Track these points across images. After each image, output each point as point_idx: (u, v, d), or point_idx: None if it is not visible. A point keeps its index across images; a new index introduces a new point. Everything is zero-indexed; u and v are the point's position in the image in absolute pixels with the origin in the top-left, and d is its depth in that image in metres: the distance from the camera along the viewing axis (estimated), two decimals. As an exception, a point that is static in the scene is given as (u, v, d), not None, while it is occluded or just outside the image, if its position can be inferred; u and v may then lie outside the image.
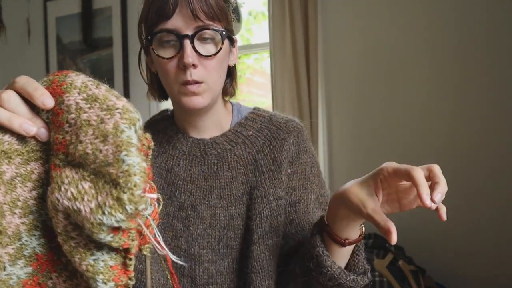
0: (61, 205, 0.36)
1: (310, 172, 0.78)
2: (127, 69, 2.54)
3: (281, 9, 2.07)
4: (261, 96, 2.83)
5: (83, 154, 0.37)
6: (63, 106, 0.38)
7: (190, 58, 0.65)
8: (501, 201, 1.78)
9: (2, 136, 0.39)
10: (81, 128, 0.37)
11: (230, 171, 0.75)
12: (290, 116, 0.82)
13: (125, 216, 0.35)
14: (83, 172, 0.37)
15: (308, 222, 0.75)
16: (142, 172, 0.35)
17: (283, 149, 0.76)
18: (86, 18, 2.61)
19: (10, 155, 0.39)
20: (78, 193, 0.36)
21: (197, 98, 0.69)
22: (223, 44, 0.69)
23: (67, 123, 0.38)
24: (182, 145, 0.78)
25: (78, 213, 0.36)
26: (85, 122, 0.37)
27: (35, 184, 0.40)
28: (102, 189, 0.35)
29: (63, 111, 0.38)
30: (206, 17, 0.66)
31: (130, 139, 0.36)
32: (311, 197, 0.77)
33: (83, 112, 0.38)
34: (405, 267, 1.61)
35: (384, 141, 1.99)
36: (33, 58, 2.84)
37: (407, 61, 1.94)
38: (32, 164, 0.40)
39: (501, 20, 1.77)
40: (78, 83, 0.39)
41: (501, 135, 1.78)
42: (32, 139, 0.40)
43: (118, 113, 0.37)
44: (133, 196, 0.34)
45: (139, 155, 0.36)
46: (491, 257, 1.80)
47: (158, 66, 0.71)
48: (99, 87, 0.39)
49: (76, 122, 0.38)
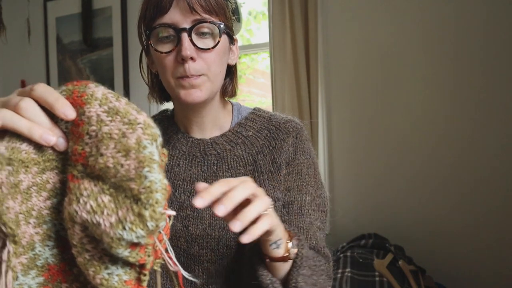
0: (79, 217, 0.36)
1: (306, 173, 0.77)
2: (127, 69, 2.54)
3: (281, 9, 2.07)
4: (261, 96, 2.83)
5: (104, 168, 0.36)
6: (84, 117, 0.38)
7: (188, 50, 0.65)
8: (501, 201, 1.78)
9: (20, 145, 0.38)
10: (102, 140, 0.37)
11: (230, 172, 0.75)
12: (290, 117, 0.81)
13: (146, 232, 0.35)
14: (103, 185, 0.37)
15: (299, 225, 0.73)
16: (164, 189, 0.35)
17: (282, 150, 0.75)
18: (86, 18, 2.61)
19: (27, 164, 0.38)
20: (98, 206, 0.36)
21: (195, 91, 0.69)
22: (221, 38, 0.69)
23: (87, 135, 0.38)
24: (182, 145, 0.78)
25: (97, 227, 0.36)
26: (107, 135, 0.37)
27: (50, 194, 0.40)
28: (122, 203, 0.35)
29: (84, 122, 0.38)
30: (203, 10, 0.66)
31: (152, 155, 0.36)
32: (305, 199, 0.75)
33: (104, 124, 0.37)
34: (405, 267, 1.61)
35: (384, 141, 1.99)
36: (33, 58, 2.84)
37: (407, 61, 1.94)
38: (48, 174, 0.40)
39: (502, 20, 1.77)
40: (99, 95, 0.39)
41: (500, 135, 1.78)
42: (49, 148, 0.39)
43: (140, 128, 0.37)
44: (155, 213, 0.35)
45: (161, 172, 0.36)
46: (491, 257, 1.80)
47: (157, 61, 0.71)
48: (119, 100, 0.39)
49: (97, 134, 0.37)
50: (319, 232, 0.74)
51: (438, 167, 1.88)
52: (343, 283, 1.51)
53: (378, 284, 1.51)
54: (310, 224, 0.73)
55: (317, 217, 0.75)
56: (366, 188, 2.03)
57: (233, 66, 0.79)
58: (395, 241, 1.83)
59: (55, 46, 2.75)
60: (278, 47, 2.09)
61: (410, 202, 1.94)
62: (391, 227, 1.95)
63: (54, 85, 2.78)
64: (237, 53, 0.79)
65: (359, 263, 1.60)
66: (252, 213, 0.50)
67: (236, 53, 0.78)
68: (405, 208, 1.95)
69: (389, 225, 1.95)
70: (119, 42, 2.55)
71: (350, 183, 2.07)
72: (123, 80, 2.54)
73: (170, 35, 0.68)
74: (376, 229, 1.90)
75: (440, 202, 1.88)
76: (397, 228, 1.94)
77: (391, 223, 1.96)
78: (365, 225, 1.98)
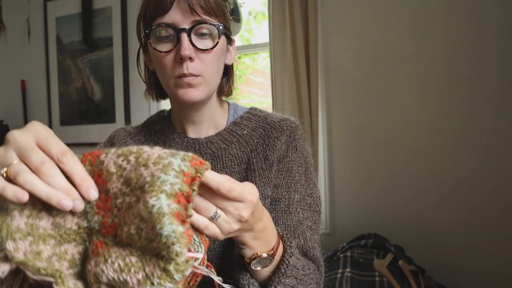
0: (105, 276, 0.38)
1: (297, 171, 0.75)
2: (127, 69, 2.54)
3: (281, 9, 2.07)
4: (261, 96, 2.83)
5: (129, 235, 0.39)
6: (110, 193, 0.42)
7: (187, 50, 0.66)
8: (501, 202, 1.78)
9: (39, 222, 0.41)
10: (126, 210, 0.40)
11: (225, 170, 0.75)
12: (285, 116, 0.81)
13: (174, 284, 0.36)
14: (131, 249, 0.39)
15: (287, 223, 0.72)
16: (181, 238, 0.37)
17: (275, 148, 0.75)
18: (86, 18, 2.61)
19: (44, 238, 0.41)
20: (125, 265, 0.38)
21: (192, 90, 0.69)
22: (219, 39, 0.69)
23: (115, 208, 0.41)
24: (178, 145, 0.78)
25: (124, 285, 0.37)
26: (128, 205, 0.40)
27: (70, 264, 0.42)
28: (149, 261, 0.37)
29: (111, 198, 0.41)
30: (203, 12, 0.67)
31: (161, 210, 0.37)
32: (294, 197, 0.74)
33: (126, 195, 0.41)
34: (405, 267, 1.60)
35: (383, 141, 1.99)
36: (33, 58, 2.84)
37: (407, 60, 1.94)
38: (66, 245, 0.42)
39: (502, 21, 1.77)
40: (112, 168, 0.41)
41: (502, 137, 1.78)
42: (67, 223, 0.42)
43: (146, 189, 0.39)
44: (178, 265, 0.36)
45: (173, 221, 0.37)
46: (491, 256, 1.80)
47: (156, 60, 0.71)
48: (129, 161, 0.41)
49: (122, 206, 0.41)
50: (310, 232, 0.73)
51: (438, 167, 1.88)
52: (343, 283, 1.51)
53: (378, 284, 1.51)
54: (299, 222, 0.72)
55: (307, 217, 0.74)
56: (366, 188, 2.03)
57: (230, 66, 0.80)
58: (395, 241, 1.83)
59: (55, 46, 2.75)
60: (278, 47, 2.09)
61: (410, 202, 1.94)
62: (391, 227, 1.95)
63: (54, 85, 2.79)
64: (234, 53, 0.79)
65: (359, 263, 1.60)
66: (199, 221, 0.46)
67: (233, 53, 0.78)
68: (405, 208, 1.95)
69: (389, 225, 1.95)
70: (119, 42, 2.55)
71: (350, 182, 2.07)
72: (123, 80, 2.54)
73: (169, 34, 0.68)
74: (376, 229, 1.90)
75: (440, 202, 1.88)
76: (397, 228, 1.94)
77: (391, 223, 1.96)
78: (365, 225, 1.98)
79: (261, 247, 0.56)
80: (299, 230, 0.71)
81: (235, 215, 0.47)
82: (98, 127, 2.63)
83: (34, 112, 2.86)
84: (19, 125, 2.85)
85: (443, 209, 1.87)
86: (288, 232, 0.70)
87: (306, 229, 0.72)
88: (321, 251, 0.74)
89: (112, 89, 2.58)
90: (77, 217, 0.42)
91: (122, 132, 0.85)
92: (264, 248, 0.56)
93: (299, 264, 0.62)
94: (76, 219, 0.42)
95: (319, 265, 0.71)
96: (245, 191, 0.47)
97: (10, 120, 2.87)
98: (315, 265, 0.70)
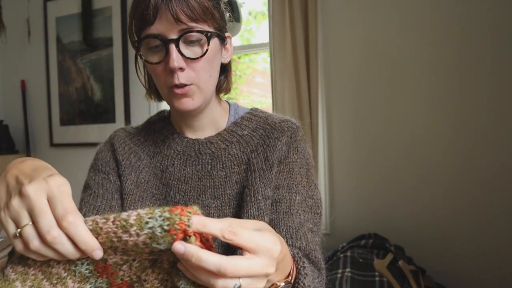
0: None
1: (298, 172, 0.75)
2: (127, 69, 2.54)
3: (281, 9, 2.07)
4: (261, 96, 2.83)
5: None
6: (109, 263, 0.46)
7: (176, 62, 0.65)
8: (501, 202, 1.78)
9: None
10: (138, 267, 0.46)
11: (224, 171, 0.75)
12: (286, 117, 0.80)
13: None
14: None
15: (288, 224, 0.71)
16: None
17: (275, 148, 0.74)
18: (86, 18, 2.61)
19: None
20: None
21: (187, 100, 0.69)
22: (209, 46, 0.68)
23: (120, 271, 0.46)
24: (177, 145, 0.78)
25: None
26: (140, 264, 0.46)
27: None
28: None
29: (110, 266, 0.46)
30: (188, 20, 0.65)
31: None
32: (295, 198, 0.73)
33: (130, 256, 0.45)
34: (405, 267, 1.60)
35: (384, 141, 1.99)
36: (33, 58, 2.84)
37: (407, 61, 1.94)
38: None
39: (503, 21, 1.77)
40: (107, 240, 0.43)
41: (503, 137, 1.78)
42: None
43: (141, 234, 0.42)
44: None
45: None
46: (491, 257, 1.80)
47: (149, 70, 0.71)
48: (125, 229, 0.43)
49: (131, 267, 0.46)
50: (311, 234, 0.72)
51: (438, 167, 1.88)
52: (343, 283, 1.51)
53: (378, 284, 1.51)
54: (300, 224, 0.71)
55: (309, 219, 0.73)
56: (366, 188, 2.03)
57: (228, 63, 0.79)
58: (395, 241, 1.83)
59: (55, 46, 2.75)
60: (278, 47, 2.08)
61: (410, 202, 1.94)
62: (391, 227, 1.95)
63: (54, 85, 2.78)
64: (231, 50, 0.78)
65: (359, 263, 1.60)
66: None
67: (230, 51, 0.77)
68: (405, 208, 1.95)
69: (389, 225, 1.95)
70: (119, 42, 2.55)
71: (350, 183, 2.07)
72: (123, 80, 2.54)
73: (159, 44, 0.67)
74: (376, 229, 1.90)
75: (440, 202, 1.88)
76: (397, 228, 1.94)
77: (391, 223, 1.96)
78: (365, 225, 1.98)
79: (279, 275, 0.53)
80: (301, 232, 0.71)
81: (261, 275, 0.42)
82: (98, 127, 2.63)
83: (34, 112, 2.86)
84: (19, 125, 2.85)
85: (443, 210, 1.87)
86: (290, 234, 0.70)
87: (308, 231, 0.72)
88: (323, 253, 0.74)
89: (112, 89, 2.58)
90: (77, 283, 0.45)
91: (122, 132, 0.85)
92: (281, 276, 0.53)
93: (310, 281, 0.60)
94: (77, 284, 0.45)
95: (320, 268, 0.70)
96: (266, 246, 0.43)
97: (10, 120, 2.87)
98: (318, 271, 0.69)
